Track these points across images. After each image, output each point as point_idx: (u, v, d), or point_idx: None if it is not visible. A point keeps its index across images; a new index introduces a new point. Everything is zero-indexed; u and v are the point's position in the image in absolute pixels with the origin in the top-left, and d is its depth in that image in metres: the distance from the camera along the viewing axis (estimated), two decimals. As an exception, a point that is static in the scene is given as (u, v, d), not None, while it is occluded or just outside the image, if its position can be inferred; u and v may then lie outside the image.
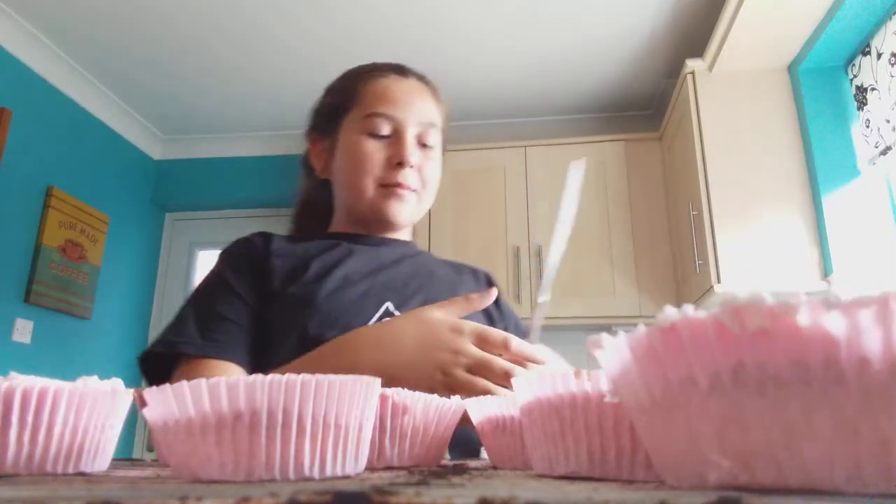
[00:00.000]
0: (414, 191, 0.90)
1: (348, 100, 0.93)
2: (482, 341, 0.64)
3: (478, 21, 2.48)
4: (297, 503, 0.14)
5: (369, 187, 0.89)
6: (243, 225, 3.36)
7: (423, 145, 0.91)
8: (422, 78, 0.98)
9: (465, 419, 0.44)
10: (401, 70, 0.96)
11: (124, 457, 2.67)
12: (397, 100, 0.91)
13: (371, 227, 0.94)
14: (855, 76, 2.08)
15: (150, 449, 3.17)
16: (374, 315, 0.82)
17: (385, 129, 0.89)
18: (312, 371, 0.29)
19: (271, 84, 2.94)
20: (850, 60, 2.11)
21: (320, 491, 0.15)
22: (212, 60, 2.76)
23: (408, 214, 0.91)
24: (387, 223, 0.92)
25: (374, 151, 0.89)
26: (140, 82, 2.95)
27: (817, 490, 0.16)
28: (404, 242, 0.98)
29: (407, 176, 0.88)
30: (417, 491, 0.16)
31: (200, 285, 0.86)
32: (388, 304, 0.84)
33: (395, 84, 0.93)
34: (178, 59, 2.76)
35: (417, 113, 0.90)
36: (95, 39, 2.65)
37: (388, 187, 0.88)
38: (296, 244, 0.92)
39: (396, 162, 0.87)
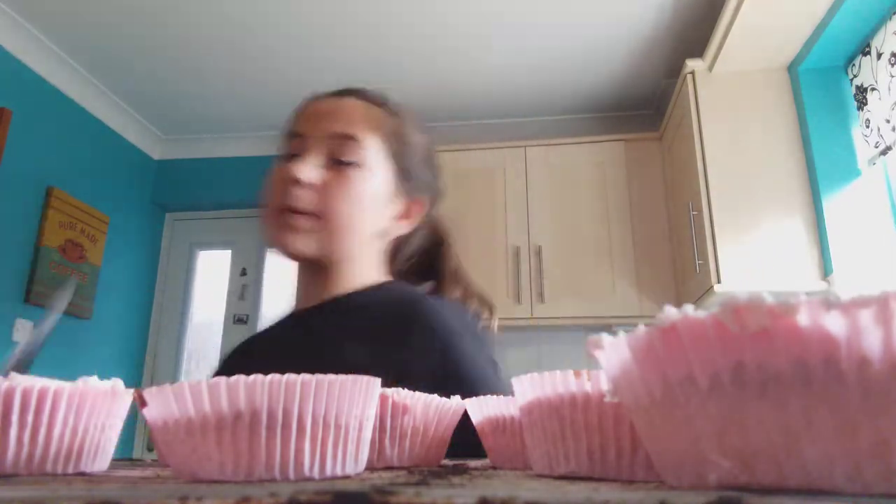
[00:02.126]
0: (310, 215, 0.75)
1: (283, 134, 0.85)
2: None
3: (478, 21, 2.48)
4: (298, 503, 0.14)
5: (269, 216, 0.77)
6: (243, 225, 3.36)
7: (337, 161, 0.77)
8: (357, 93, 0.85)
9: None
10: (337, 92, 0.85)
11: (124, 457, 2.67)
12: (308, 115, 0.81)
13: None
14: (855, 76, 2.08)
15: (150, 449, 3.17)
16: None
17: (294, 149, 0.79)
18: None
19: (271, 84, 2.94)
20: (850, 60, 2.11)
21: (320, 491, 0.15)
22: (212, 60, 2.77)
23: (305, 246, 0.76)
24: (291, 260, 0.79)
25: (276, 173, 0.79)
26: (140, 82, 2.95)
27: (817, 490, 0.16)
28: (320, 310, 0.80)
29: (298, 197, 0.74)
30: (417, 491, 0.16)
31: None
32: None
33: (315, 102, 0.83)
34: (178, 59, 2.76)
35: (327, 125, 0.78)
36: (95, 39, 2.65)
37: (280, 214, 0.75)
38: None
39: (287, 180, 0.75)
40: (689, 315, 0.18)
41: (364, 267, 0.83)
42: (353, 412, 0.28)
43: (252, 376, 0.26)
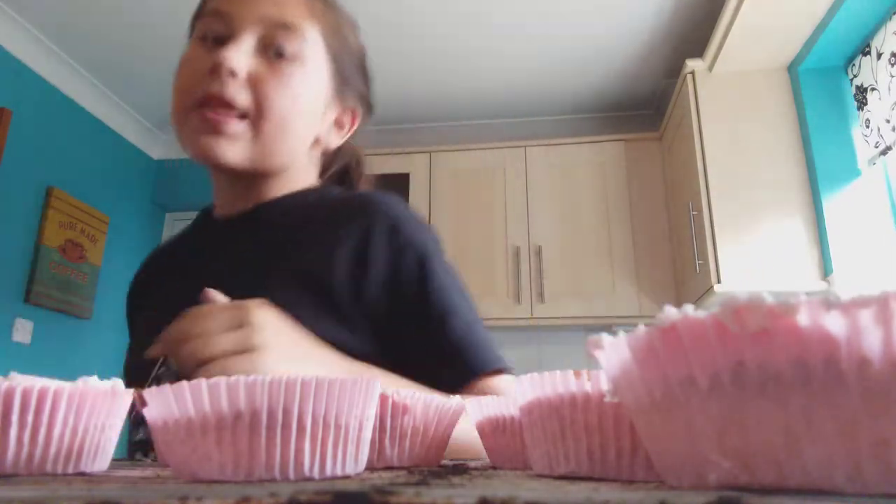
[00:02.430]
0: (238, 114, 0.63)
1: (196, 13, 0.71)
2: None
3: (478, 21, 2.48)
4: (298, 503, 0.14)
5: (181, 112, 0.64)
6: (243, 225, 3.36)
7: (274, 52, 0.65)
8: None
9: None
10: None
11: (125, 457, 2.67)
12: None
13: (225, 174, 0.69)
14: (855, 76, 2.08)
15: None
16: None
17: (216, 30, 0.65)
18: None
19: (271, 84, 2.94)
20: (850, 60, 2.11)
21: (320, 491, 0.15)
22: (212, 60, 2.76)
23: (235, 154, 0.64)
24: (216, 170, 0.68)
25: (194, 59, 0.65)
26: (140, 82, 2.95)
27: (817, 490, 0.16)
28: (260, 212, 0.71)
29: (224, 86, 0.61)
30: (417, 491, 0.16)
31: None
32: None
33: None
34: (178, 59, 2.76)
35: (262, 7, 0.66)
36: (96, 39, 2.64)
37: (200, 110, 0.62)
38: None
39: (212, 68, 0.62)
40: (689, 315, 0.18)
41: (299, 178, 0.74)
42: (353, 412, 0.28)
43: (252, 377, 0.26)
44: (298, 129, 0.69)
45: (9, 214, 2.52)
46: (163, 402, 0.27)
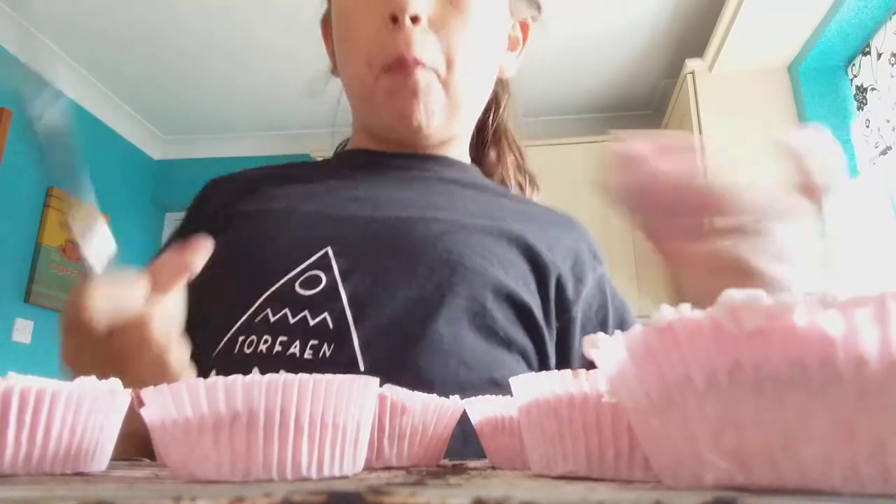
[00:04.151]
0: (428, 68, 0.54)
1: None
2: None
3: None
4: (292, 503, 0.14)
5: (363, 74, 0.56)
6: (243, 225, 3.36)
7: None
8: None
9: None
10: None
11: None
12: None
13: (391, 141, 0.63)
14: (855, 76, 2.08)
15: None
16: (302, 262, 0.52)
17: None
18: None
19: (271, 85, 2.94)
20: (850, 60, 2.11)
21: (315, 491, 0.15)
22: (212, 61, 2.77)
23: (435, 120, 0.57)
24: (400, 135, 0.60)
25: (362, 8, 0.55)
26: (140, 82, 2.95)
27: (814, 490, 0.16)
28: (440, 160, 0.63)
29: (411, 42, 0.53)
30: (413, 491, 0.16)
31: None
32: (328, 249, 0.53)
33: None
34: (178, 59, 2.76)
35: None
36: (96, 40, 2.65)
37: (390, 73, 0.54)
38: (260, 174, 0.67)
39: (389, 16, 0.53)
40: (686, 315, 0.18)
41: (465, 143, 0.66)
42: (351, 412, 0.28)
43: (250, 376, 0.26)
44: (486, 80, 0.62)
45: (9, 214, 2.52)
46: (160, 403, 0.27)
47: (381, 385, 0.37)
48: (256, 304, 0.52)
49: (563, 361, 0.59)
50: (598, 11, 2.41)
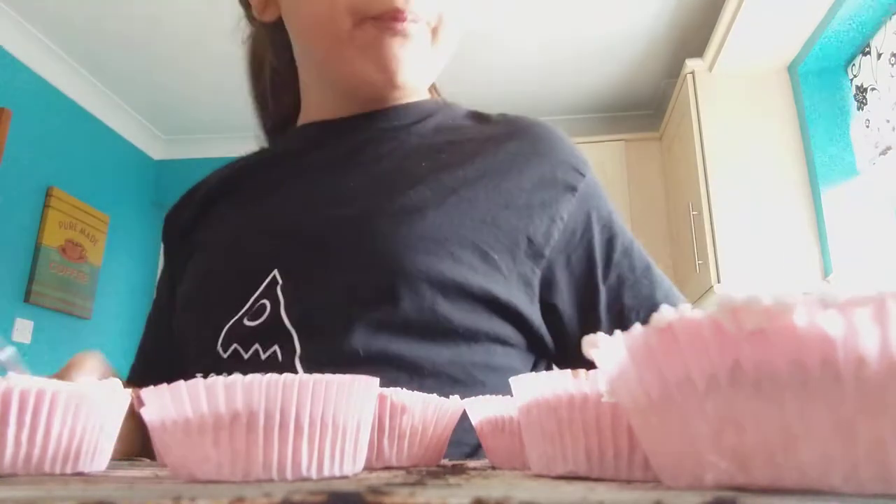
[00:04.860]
0: (421, 23, 0.53)
1: None
2: None
3: (477, 22, 2.48)
4: (292, 503, 0.14)
5: (339, 20, 0.52)
6: (243, 225, 3.36)
7: None
8: None
9: None
10: None
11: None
12: None
13: (350, 100, 0.59)
14: (855, 76, 2.08)
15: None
16: (252, 293, 0.52)
17: None
18: None
19: (271, 84, 2.94)
20: (850, 60, 2.11)
21: (315, 491, 0.15)
22: (212, 60, 2.77)
23: (417, 66, 0.54)
24: (370, 89, 0.57)
25: None
26: (140, 83, 2.95)
27: (814, 490, 0.16)
28: (396, 112, 0.60)
29: None
30: (412, 491, 0.16)
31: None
32: (275, 272, 0.52)
33: None
34: (178, 59, 2.76)
35: None
36: (96, 40, 2.65)
37: (379, 21, 0.51)
38: (236, 167, 0.66)
39: None
40: (686, 315, 0.18)
41: None
42: (351, 412, 0.28)
43: (250, 376, 0.26)
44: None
45: (9, 214, 2.52)
46: (160, 403, 0.27)
47: None
48: (216, 342, 0.53)
49: (553, 324, 0.56)
50: (599, 12, 2.41)
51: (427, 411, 0.40)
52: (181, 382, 0.26)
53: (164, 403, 0.27)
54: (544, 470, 0.28)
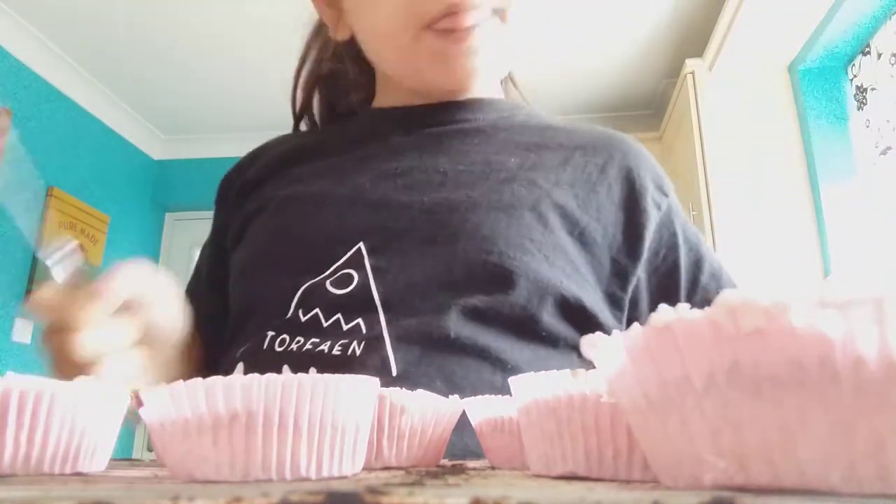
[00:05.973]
0: (484, 19, 0.51)
1: None
2: None
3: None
4: (290, 503, 0.14)
5: (401, 39, 0.52)
6: (243, 225, 3.36)
7: None
8: None
9: None
10: None
11: (125, 457, 2.67)
12: None
13: (430, 94, 0.61)
14: (855, 76, 2.08)
15: (150, 449, 3.16)
16: (335, 260, 0.52)
17: None
18: None
19: (271, 84, 2.94)
20: (850, 60, 2.11)
21: (313, 491, 0.15)
22: (212, 60, 2.77)
23: (489, 62, 0.54)
24: (446, 89, 0.59)
25: None
26: (140, 82, 2.95)
27: (812, 490, 0.16)
28: (479, 105, 0.61)
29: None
30: (410, 491, 0.16)
31: None
32: (361, 245, 0.52)
33: None
34: (178, 59, 2.76)
35: None
36: (96, 40, 2.65)
37: (440, 28, 0.51)
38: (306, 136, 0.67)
39: None
40: (684, 315, 0.18)
41: None
42: (350, 413, 0.28)
43: (249, 376, 0.26)
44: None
45: (9, 214, 2.52)
46: (159, 403, 0.27)
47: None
48: (289, 303, 0.52)
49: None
50: (598, 12, 2.41)
51: (426, 412, 0.40)
52: (181, 382, 0.26)
53: (163, 403, 0.27)
54: (543, 470, 0.28)
